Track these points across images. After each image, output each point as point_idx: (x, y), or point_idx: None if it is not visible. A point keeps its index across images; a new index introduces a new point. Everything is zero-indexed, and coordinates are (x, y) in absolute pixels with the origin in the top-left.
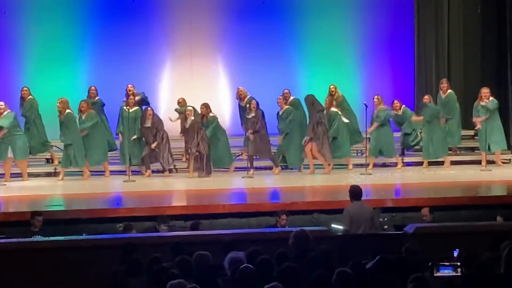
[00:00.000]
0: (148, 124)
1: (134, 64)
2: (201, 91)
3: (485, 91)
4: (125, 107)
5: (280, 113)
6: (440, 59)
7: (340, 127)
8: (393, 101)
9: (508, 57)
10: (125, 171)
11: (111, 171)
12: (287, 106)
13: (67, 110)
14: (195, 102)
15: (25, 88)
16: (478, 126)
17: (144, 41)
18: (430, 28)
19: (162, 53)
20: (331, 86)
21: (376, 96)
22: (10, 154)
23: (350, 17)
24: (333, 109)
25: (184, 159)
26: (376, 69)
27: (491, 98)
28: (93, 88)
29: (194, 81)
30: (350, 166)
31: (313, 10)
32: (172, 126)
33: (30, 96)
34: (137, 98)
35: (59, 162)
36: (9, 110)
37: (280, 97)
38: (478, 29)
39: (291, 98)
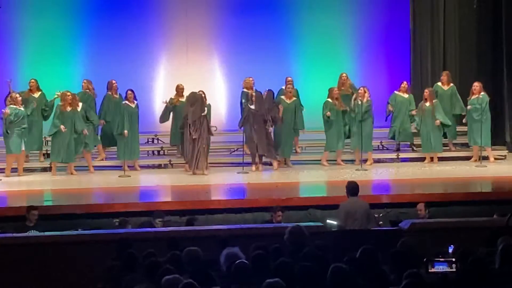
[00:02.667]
0: (204, 112)
1: (130, 57)
2: (196, 84)
3: (476, 84)
4: (127, 102)
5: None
6: (436, 52)
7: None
8: (402, 82)
9: (504, 51)
10: (121, 166)
11: (108, 166)
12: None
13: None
14: None
15: (33, 81)
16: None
17: (140, 34)
18: (426, 22)
19: (158, 46)
20: (343, 74)
21: (362, 88)
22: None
23: (346, 10)
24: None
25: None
26: (372, 62)
27: (482, 93)
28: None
29: (190, 74)
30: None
31: (309, 3)
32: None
33: (40, 91)
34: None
35: None
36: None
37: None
38: (473, 22)
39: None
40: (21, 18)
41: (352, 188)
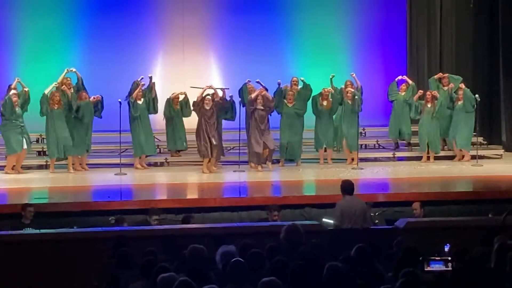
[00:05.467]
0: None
1: (126, 55)
2: (193, 82)
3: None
4: (138, 101)
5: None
6: (432, 53)
7: None
8: (401, 84)
9: (500, 51)
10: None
11: (106, 164)
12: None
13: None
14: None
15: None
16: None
17: (136, 32)
18: (422, 22)
19: (154, 44)
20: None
21: (349, 90)
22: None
23: (342, 10)
24: None
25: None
26: (368, 62)
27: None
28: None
29: (186, 72)
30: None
31: (306, 3)
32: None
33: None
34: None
35: None
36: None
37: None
38: (470, 22)
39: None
40: (17, 16)
41: (347, 187)
